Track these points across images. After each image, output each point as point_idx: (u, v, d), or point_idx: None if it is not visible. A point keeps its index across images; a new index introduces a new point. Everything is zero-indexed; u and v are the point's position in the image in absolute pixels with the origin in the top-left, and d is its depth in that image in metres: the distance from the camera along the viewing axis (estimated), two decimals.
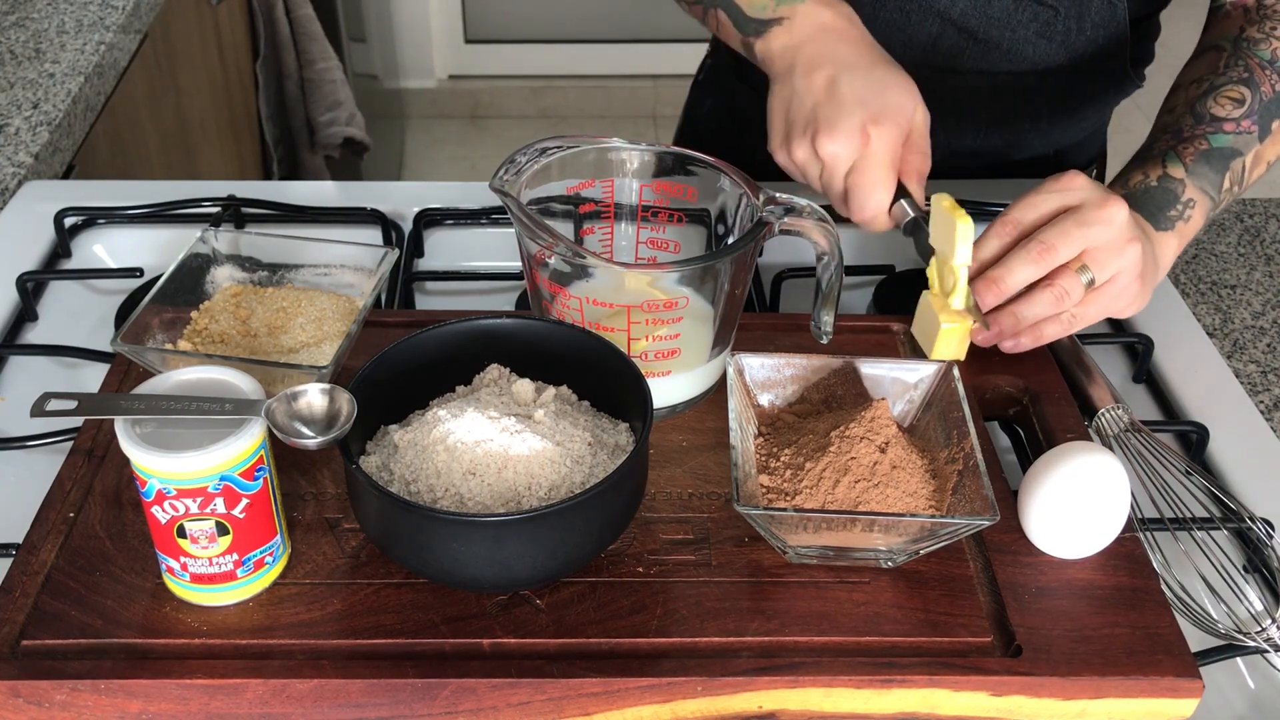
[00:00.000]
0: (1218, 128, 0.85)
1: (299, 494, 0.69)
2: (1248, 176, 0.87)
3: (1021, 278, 0.76)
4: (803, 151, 0.83)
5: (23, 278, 0.94)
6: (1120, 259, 0.77)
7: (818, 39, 0.85)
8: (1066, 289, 0.76)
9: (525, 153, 0.74)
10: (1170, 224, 0.84)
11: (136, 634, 0.62)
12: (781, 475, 0.68)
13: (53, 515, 0.67)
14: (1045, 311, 0.77)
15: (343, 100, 2.21)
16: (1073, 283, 0.76)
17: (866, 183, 0.81)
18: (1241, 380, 0.93)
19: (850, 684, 0.61)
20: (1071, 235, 0.75)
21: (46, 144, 1.19)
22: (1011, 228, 0.78)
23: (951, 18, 1.02)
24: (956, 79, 1.07)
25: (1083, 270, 0.76)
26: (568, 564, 0.63)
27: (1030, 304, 0.77)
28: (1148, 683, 0.62)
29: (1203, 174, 0.85)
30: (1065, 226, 0.76)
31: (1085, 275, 0.76)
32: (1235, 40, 0.89)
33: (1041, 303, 0.76)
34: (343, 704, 0.61)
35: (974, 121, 1.10)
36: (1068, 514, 0.66)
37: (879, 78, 0.83)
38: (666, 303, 0.71)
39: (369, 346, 0.72)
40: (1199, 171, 0.85)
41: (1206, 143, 0.85)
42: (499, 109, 3.44)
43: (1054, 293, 0.76)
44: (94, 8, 1.45)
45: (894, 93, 0.82)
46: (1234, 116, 0.86)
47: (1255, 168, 0.87)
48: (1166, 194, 0.84)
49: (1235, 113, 0.86)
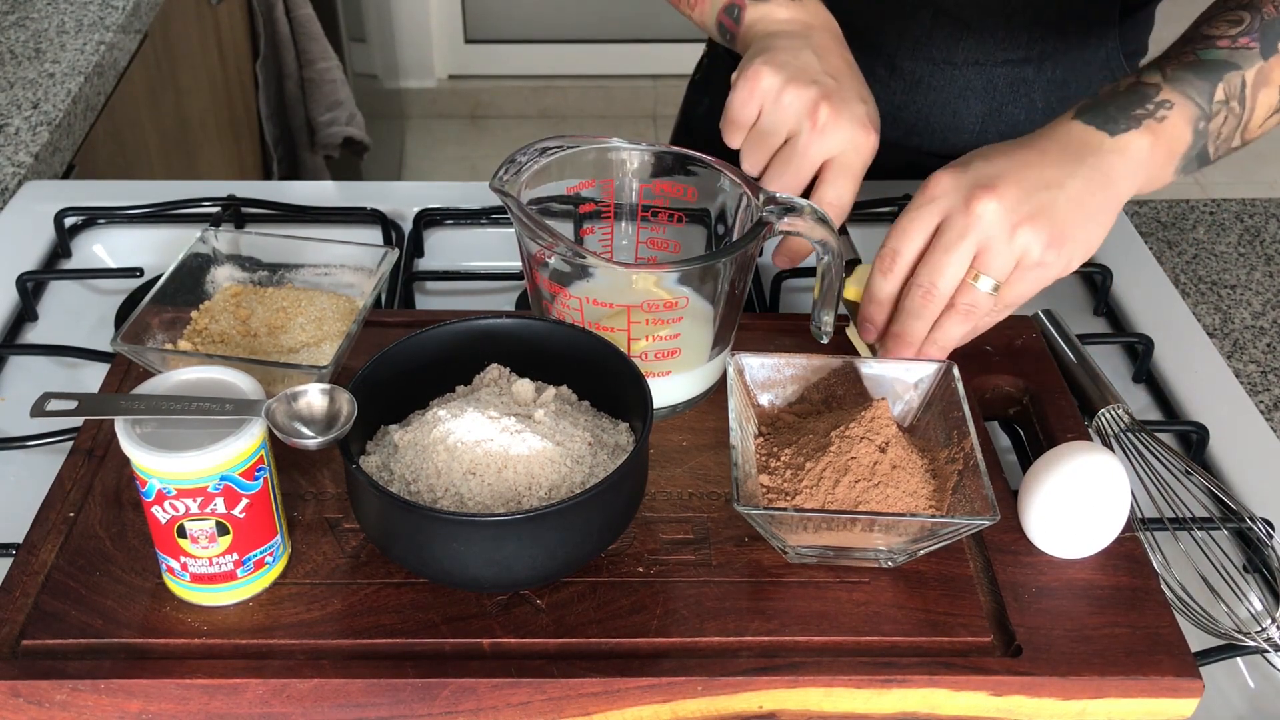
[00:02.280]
0: (1209, 44, 0.77)
1: (299, 494, 0.69)
2: (1251, 95, 0.78)
3: (920, 326, 0.73)
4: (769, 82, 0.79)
5: (23, 278, 0.94)
6: (1011, 248, 0.71)
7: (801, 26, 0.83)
8: (971, 304, 0.72)
9: (525, 153, 0.74)
10: (1136, 122, 0.74)
11: (136, 634, 0.62)
12: (781, 475, 0.68)
13: (53, 515, 0.67)
14: (961, 331, 0.73)
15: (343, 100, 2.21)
16: (973, 297, 0.72)
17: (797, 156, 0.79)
18: (1241, 380, 0.93)
19: (850, 684, 0.61)
20: (944, 264, 0.71)
21: (46, 144, 1.19)
22: (891, 262, 0.73)
23: (946, 9, 1.02)
24: (952, 71, 1.07)
25: (977, 279, 0.71)
26: (568, 564, 0.63)
27: (944, 333, 0.73)
28: (1148, 683, 0.62)
29: (1186, 80, 0.76)
30: (935, 259, 0.71)
31: (986, 282, 0.71)
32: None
33: (953, 326, 0.73)
34: (343, 704, 0.61)
35: (970, 114, 1.10)
36: (1068, 514, 0.67)
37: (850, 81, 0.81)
38: (666, 303, 0.71)
39: (369, 346, 0.72)
40: (1181, 78, 0.76)
41: (1194, 55, 0.77)
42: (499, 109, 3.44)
43: (960, 314, 0.72)
44: (94, 8, 1.45)
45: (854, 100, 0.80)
46: (1229, 34, 0.78)
47: (1262, 87, 0.78)
48: (1134, 94, 0.76)
49: (1231, 31, 0.78)
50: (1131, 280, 1.00)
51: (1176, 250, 1.10)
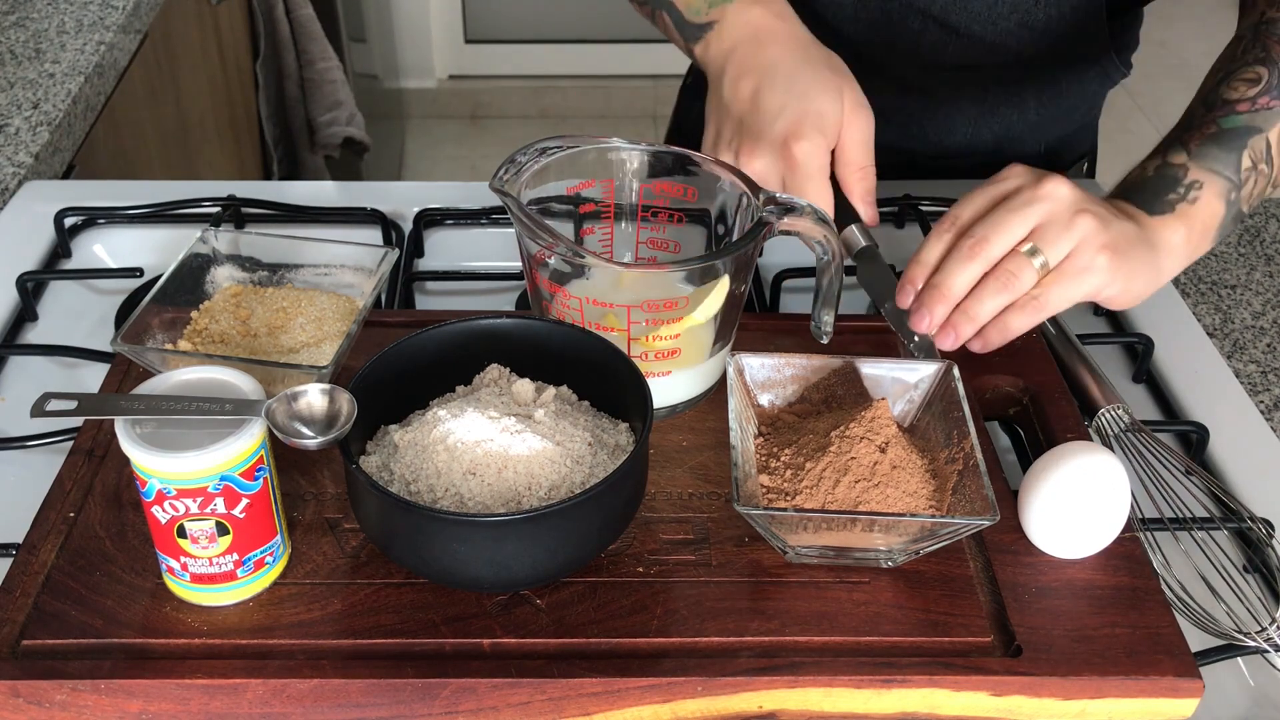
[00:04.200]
0: (1229, 110, 0.81)
1: (299, 494, 0.69)
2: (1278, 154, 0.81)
3: (962, 279, 0.73)
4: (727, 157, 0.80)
5: (23, 278, 0.94)
6: (1070, 233, 0.72)
7: (747, 42, 0.83)
8: (1013, 272, 0.72)
9: (525, 153, 0.74)
10: (1169, 207, 0.78)
11: (136, 634, 0.62)
12: (781, 475, 0.68)
13: (53, 515, 0.67)
14: (997, 302, 0.73)
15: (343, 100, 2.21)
16: (1019, 265, 0.72)
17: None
18: (1241, 380, 0.93)
19: (850, 684, 0.61)
20: (1004, 222, 0.72)
21: (46, 144, 1.19)
22: (950, 225, 0.75)
23: (933, 14, 1.02)
24: (942, 75, 1.07)
25: (1032, 253, 0.72)
26: (568, 564, 0.64)
27: (979, 299, 0.73)
28: (1148, 683, 0.62)
29: (1211, 154, 0.79)
30: (996, 215, 0.73)
31: (1036, 258, 0.72)
32: (1255, 26, 0.85)
33: (989, 293, 0.72)
34: (343, 704, 0.61)
35: (962, 117, 1.10)
36: (1068, 514, 0.67)
37: (804, 82, 0.80)
38: (666, 303, 0.71)
39: (369, 346, 0.72)
40: (1206, 153, 0.79)
41: (1216, 126, 0.80)
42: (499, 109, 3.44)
43: (999, 280, 0.72)
44: (94, 8, 1.45)
45: (817, 98, 0.79)
46: (1249, 96, 0.80)
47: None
48: (1163, 179, 0.79)
49: (1250, 92, 0.80)
50: None
51: None
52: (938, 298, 0.73)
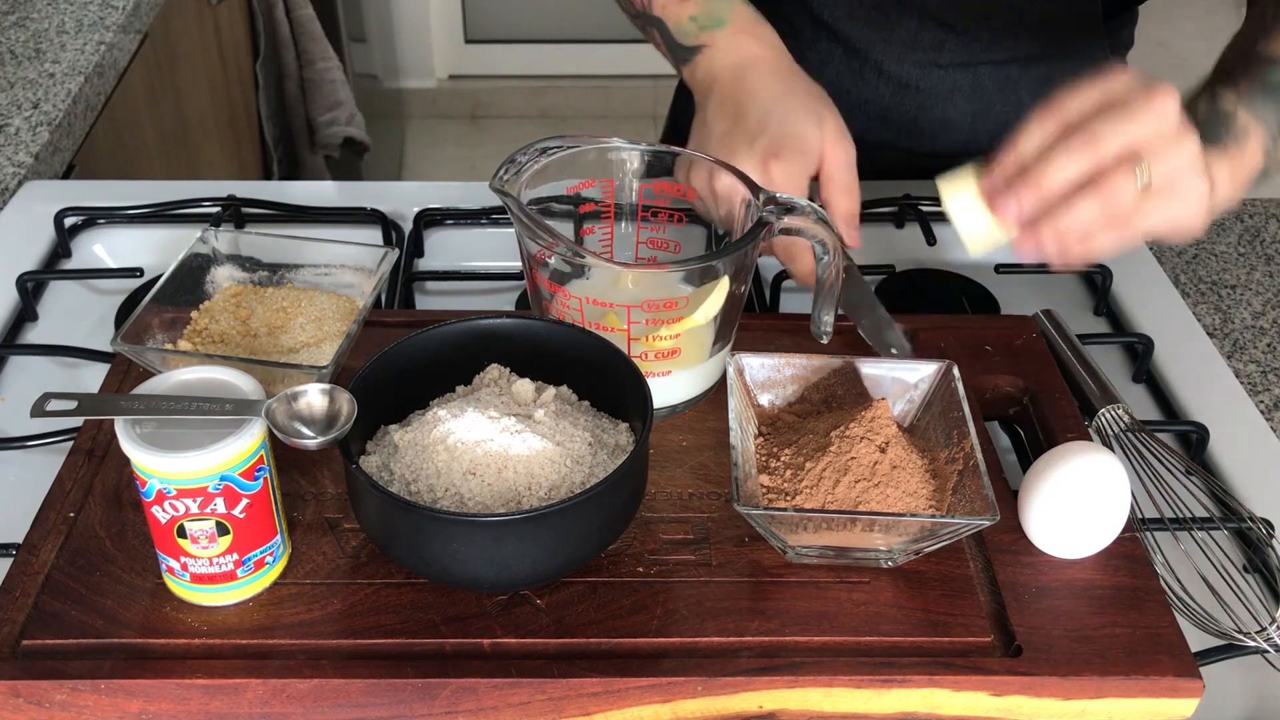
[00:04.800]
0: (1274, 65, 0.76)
1: (299, 494, 0.69)
2: None
3: (1062, 174, 0.67)
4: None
5: (23, 278, 0.94)
6: (1178, 152, 0.67)
7: (734, 69, 0.83)
8: (1117, 188, 0.66)
9: (525, 153, 0.74)
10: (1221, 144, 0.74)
11: (136, 634, 0.62)
12: (781, 475, 0.68)
13: (53, 515, 0.67)
14: (1092, 218, 0.67)
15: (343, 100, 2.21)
16: (1124, 181, 0.66)
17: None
18: (1241, 380, 0.93)
19: (850, 684, 0.61)
20: (1118, 123, 0.66)
21: (46, 144, 1.19)
22: (1054, 116, 0.68)
23: (930, 13, 1.02)
24: (939, 74, 1.07)
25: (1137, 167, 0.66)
26: (568, 564, 0.63)
27: (1072, 210, 0.66)
28: (1148, 683, 0.62)
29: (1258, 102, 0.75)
30: (1112, 115, 0.66)
31: (1142, 174, 0.66)
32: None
33: (1087, 207, 0.66)
34: (343, 704, 0.61)
35: (959, 114, 1.10)
36: (1068, 514, 0.67)
37: (785, 108, 0.80)
38: (666, 302, 0.71)
39: (369, 346, 0.72)
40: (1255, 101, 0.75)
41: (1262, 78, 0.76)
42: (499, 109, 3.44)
43: (1101, 195, 0.66)
44: (94, 8, 1.45)
45: (798, 124, 0.79)
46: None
47: None
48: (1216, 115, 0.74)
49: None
50: (1131, 280, 1.00)
51: (1176, 250, 1.10)
52: (1031, 189, 0.68)
